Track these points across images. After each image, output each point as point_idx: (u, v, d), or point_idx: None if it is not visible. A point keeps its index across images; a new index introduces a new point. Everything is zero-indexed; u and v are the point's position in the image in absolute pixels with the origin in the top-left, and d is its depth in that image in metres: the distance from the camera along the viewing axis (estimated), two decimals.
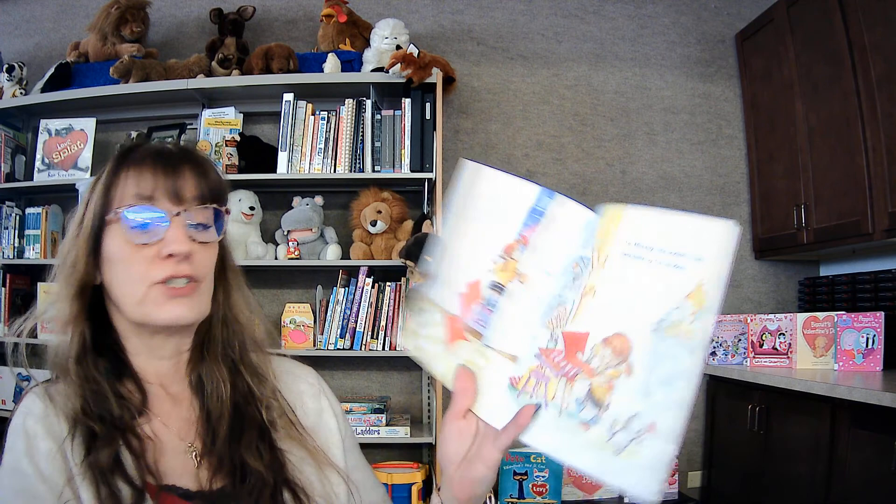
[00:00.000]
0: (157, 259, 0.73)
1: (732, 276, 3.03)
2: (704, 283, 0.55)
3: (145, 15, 2.93)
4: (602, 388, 0.59)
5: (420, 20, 3.12)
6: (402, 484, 2.58)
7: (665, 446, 0.55)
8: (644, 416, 0.56)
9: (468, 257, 0.71)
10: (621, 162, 3.10)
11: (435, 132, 2.68)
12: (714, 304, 0.55)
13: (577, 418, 0.60)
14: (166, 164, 0.75)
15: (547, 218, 0.66)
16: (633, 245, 0.59)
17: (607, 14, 3.16)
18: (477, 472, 0.68)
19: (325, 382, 0.94)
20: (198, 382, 0.80)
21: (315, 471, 0.79)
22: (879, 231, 2.26)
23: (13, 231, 2.86)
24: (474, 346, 0.68)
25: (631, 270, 0.59)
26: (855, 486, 1.97)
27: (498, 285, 0.67)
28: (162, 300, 0.73)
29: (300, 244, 2.73)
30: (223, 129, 2.79)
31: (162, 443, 0.74)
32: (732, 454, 2.75)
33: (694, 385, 0.55)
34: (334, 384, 2.94)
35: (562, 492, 2.62)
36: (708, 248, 0.55)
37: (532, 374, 0.63)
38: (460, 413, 0.69)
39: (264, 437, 0.77)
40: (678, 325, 0.56)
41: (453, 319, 0.71)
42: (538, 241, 0.66)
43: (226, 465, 0.74)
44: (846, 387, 2.01)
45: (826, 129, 2.54)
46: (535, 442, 0.63)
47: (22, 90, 2.92)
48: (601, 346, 0.59)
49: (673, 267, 0.57)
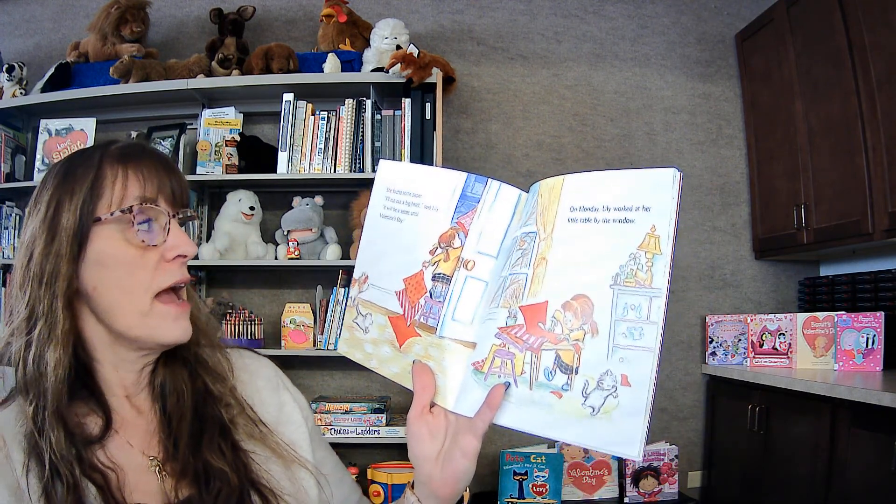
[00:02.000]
0: (162, 263, 0.70)
1: (732, 277, 3.05)
2: (655, 230, 0.56)
3: (145, 15, 2.93)
4: (569, 352, 0.59)
5: (420, 20, 3.12)
6: (401, 484, 2.58)
7: (640, 395, 0.55)
8: (615, 371, 0.57)
9: (402, 254, 0.71)
10: (621, 162, 3.10)
11: (435, 132, 2.68)
12: (667, 249, 0.56)
13: (548, 387, 0.60)
14: (164, 164, 0.73)
15: (480, 202, 0.67)
16: (577, 210, 0.61)
17: (607, 14, 3.17)
18: (458, 465, 0.67)
19: (283, 374, 0.89)
20: (159, 386, 0.76)
21: (282, 469, 0.76)
22: (879, 231, 2.26)
23: (13, 231, 2.86)
24: (428, 340, 0.68)
25: (579, 234, 0.60)
26: (855, 486, 1.97)
27: (443, 276, 0.68)
28: (169, 320, 0.71)
29: (300, 244, 2.73)
30: (223, 129, 2.79)
31: (125, 468, 0.69)
32: (732, 454, 2.75)
33: (659, 330, 0.55)
34: (334, 384, 2.96)
35: (562, 492, 2.62)
36: (653, 196, 0.57)
37: (496, 355, 0.63)
38: (424, 409, 0.68)
39: (226, 436, 0.74)
40: (635, 274, 0.57)
41: (399, 319, 0.70)
42: (476, 225, 0.67)
43: (189, 470, 0.71)
44: (846, 387, 2.02)
45: (826, 129, 2.54)
46: (510, 421, 0.62)
47: (22, 90, 2.92)
48: (562, 312, 0.60)
49: (621, 222, 0.58)
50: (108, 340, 0.71)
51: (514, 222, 0.67)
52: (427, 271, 0.69)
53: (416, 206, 0.71)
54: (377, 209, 0.75)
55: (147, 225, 0.70)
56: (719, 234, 3.08)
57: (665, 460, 2.70)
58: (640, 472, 2.69)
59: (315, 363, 2.93)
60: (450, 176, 0.69)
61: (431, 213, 0.70)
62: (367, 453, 2.81)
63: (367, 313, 0.74)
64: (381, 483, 2.60)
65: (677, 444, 2.77)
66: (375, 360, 0.73)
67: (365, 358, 0.74)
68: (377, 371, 0.73)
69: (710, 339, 2.91)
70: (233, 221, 2.76)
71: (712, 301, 3.06)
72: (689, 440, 2.98)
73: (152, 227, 0.71)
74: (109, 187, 0.69)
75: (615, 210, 0.58)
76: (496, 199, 0.67)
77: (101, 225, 0.69)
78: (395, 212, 0.73)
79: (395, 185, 0.74)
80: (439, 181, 0.70)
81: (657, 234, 0.56)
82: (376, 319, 0.73)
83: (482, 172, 3.24)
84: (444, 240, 0.68)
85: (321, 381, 2.96)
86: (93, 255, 0.69)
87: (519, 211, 0.66)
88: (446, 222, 0.68)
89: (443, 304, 0.67)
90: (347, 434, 2.61)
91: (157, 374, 0.77)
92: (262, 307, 2.98)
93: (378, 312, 0.73)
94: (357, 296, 0.76)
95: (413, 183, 0.72)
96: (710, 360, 2.92)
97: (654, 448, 2.70)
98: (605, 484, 2.70)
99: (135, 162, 0.71)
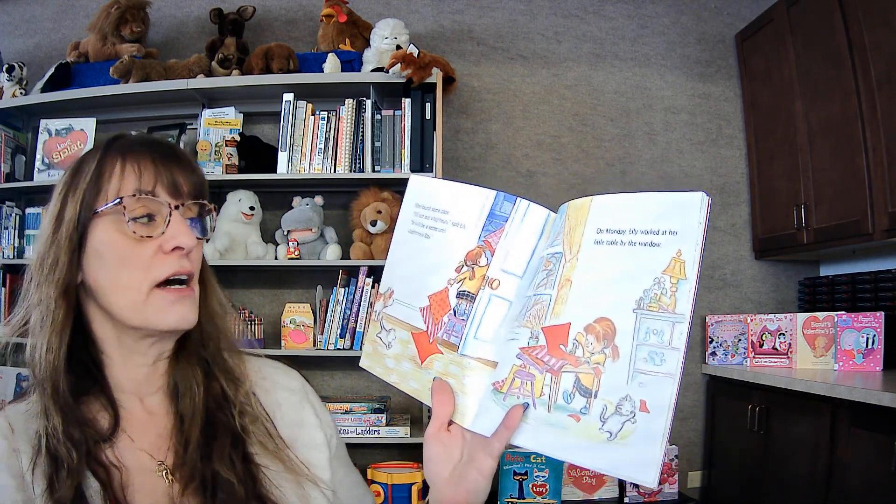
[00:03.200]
0: (159, 254, 0.70)
1: (732, 277, 3.05)
2: (681, 255, 0.56)
3: (145, 15, 2.93)
4: (589, 375, 0.58)
5: (420, 20, 3.12)
6: (401, 484, 2.58)
7: (658, 421, 0.55)
8: (634, 396, 0.56)
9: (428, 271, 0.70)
10: (621, 162, 3.10)
11: (435, 132, 2.68)
12: (692, 275, 0.55)
13: (566, 410, 0.59)
14: (164, 155, 0.72)
15: (508, 221, 0.67)
16: (603, 232, 0.60)
17: (607, 14, 3.17)
18: (471, 483, 0.66)
19: (310, 387, 0.87)
20: (173, 388, 0.76)
21: (294, 486, 0.74)
22: (879, 231, 2.26)
23: (13, 231, 2.86)
24: (449, 357, 0.68)
25: (604, 256, 0.60)
26: (855, 486, 1.97)
27: (467, 294, 0.67)
28: (165, 305, 0.70)
29: (300, 244, 2.73)
30: (223, 129, 2.79)
31: (130, 468, 0.69)
32: (732, 454, 2.75)
33: (681, 356, 0.55)
34: (334, 384, 2.96)
35: (562, 492, 2.62)
36: (680, 220, 0.56)
37: (516, 375, 0.63)
38: (442, 426, 0.67)
39: (237, 445, 0.73)
40: (659, 299, 0.56)
41: (421, 336, 0.70)
42: (503, 245, 0.66)
43: (197, 477, 0.70)
44: (846, 387, 2.02)
45: (826, 129, 2.54)
46: (527, 442, 0.61)
47: (22, 90, 2.92)
48: (584, 335, 0.59)
49: (648, 245, 0.57)
50: (114, 334, 0.72)
51: (541, 242, 0.66)
52: (452, 289, 0.68)
53: (443, 223, 0.71)
54: (406, 224, 0.74)
55: (146, 217, 0.70)
56: (719, 234, 3.08)
57: (665, 460, 2.70)
58: None
59: (315, 363, 2.93)
60: (479, 193, 0.68)
61: (459, 231, 0.69)
62: (367, 453, 2.81)
63: (391, 328, 0.73)
64: (381, 483, 2.60)
65: (677, 444, 2.77)
66: (396, 376, 0.72)
67: (385, 373, 0.73)
68: (397, 386, 0.72)
69: (710, 339, 2.91)
70: (233, 221, 2.76)
71: (712, 301, 3.06)
72: (689, 440, 2.98)
73: (154, 219, 0.70)
74: (108, 181, 0.70)
75: (642, 233, 0.58)
76: (524, 218, 0.66)
77: (99, 217, 0.70)
78: (423, 227, 0.72)
79: (423, 201, 0.73)
80: (468, 198, 0.70)
81: (683, 258, 0.56)
82: (399, 335, 0.72)
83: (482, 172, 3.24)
84: (470, 258, 0.68)
85: (321, 381, 2.96)
86: (92, 247, 0.70)
87: (547, 231, 0.66)
88: (473, 240, 0.68)
89: (466, 322, 0.67)
90: (347, 434, 2.61)
91: (170, 374, 0.76)
92: (262, 307, 2.98)
93: (402, 328, 0.72)
94: (382, 310, 0.75)
95: (442, 199, 0.72)
96: (710, 360, 2.92)
97: None
98: (605, 484, 2.70)
99: (134, 154, 0.71)
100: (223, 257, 2.71)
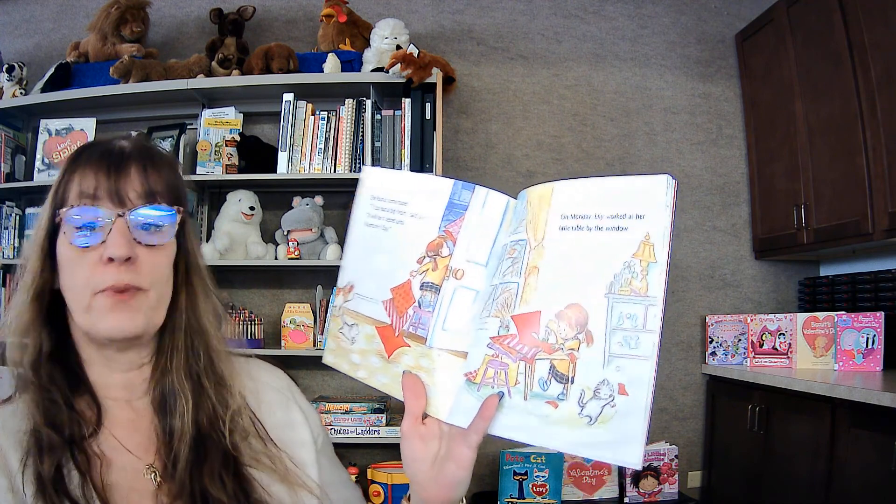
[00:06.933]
0: (100, 264, 0.68)
1: (732, 277, 3.05)
2: (649, 238, 0.56)
3: (145, 15, 2.93)
4: (564, 361, 0.58)
5: (420, 20, 3.12)
6: (401, 484, 2.58)
7: (638, 403, 0.55)
8: (612, 380, 0.56)
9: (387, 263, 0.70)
10: (621, 162, 3.10)
11: (435, 132, 2.67)
12: (662, 257, 0.55)
13: (544, 397, 0.59)
14: (110, 162, 0.71)
15: (469, 210, 0.66)
16: (568, 217, 0.60)
17: (607, 14, 3.17)
18: (450, 475, 0.65)
19: (295, 386, 0.86)
20: (160, 399, 0.74)
21: (286, 492, 0.74)
22: (879, 231, 2.26)
23: (13, 231, 2.86)
24: (418, 350, 0.67)
25: (571, 242, 0.60)
26: (855, 486, 1.97)
27: (431, 285, 0.67)
28: (103, 311, 0.68)
29: (300, 244, 2.73)
30: (223, 129, 2.79)
31: (114, 462, 0.69)
32: (732, 454, 2.75)
33: (656, 338, 0.55)
34: (334, 384, 2.96)
35: (562, 492, 2.62)
36: (647, 204, 0.56)
37: (489, 365, 0.62)
38: (417, 420, 0.66)
39: (228, 464, 0.72)
40: (630, 283, 0.56)
41: (386, 329, 0.69)
42: (464, 234, 0.66)
43: (186, 492, 0.69)
44: (846, 387, 2.02)
45: (826, 129, 2.54)
46: (506, 432, 0.61)
47: (22, 90, 2.92)
48: (555, 322, 0.59)
49: (615, 230, 0.57)
50: (84, 338, 0.73)
51: (503, 230, 0.65)
52: (415, 280, 0.67)
53: (402, 215, 0.70)
54: (361, 217, 0.73)
55: (87, 227, 0.69)
56: (719, 234, 3.08)
57: (665, 460, 2.70)
58: (640, 473, 2.69)
59: (315, 363, 2.93)
60: (436, 183, 0.68)
61: (418, 222, 0.68)
62: (367, 453, 2.81)
63: (354, 323, 0.72)
64: (381, 483, 2.60)
65: (677, 444, 2.77)
66: (363, 371, 0.71)
67: (352, 368, 0.72)
68: (365, 382, 0.71)
69: (710, 339, 2.91)
70: (233, 221, 2.76)
71: (712, 301, 3.05)
72: (689, 440, 2.98)
73: (94, 229, 0.69)
74: (66, 190, 0.71)
75: (608, 218, 0.58)
76: (484, 206, 0.66)
77: (60, 227, 0.71)
78: (381, 220, 0.71)
79: (379, 193, 0.72)
80: (425, 188, 0.69)
81: (651, 241, 0.56)
82: (363, 329, 0.71)
83: (482, 172, 3.24)
84: (431, 248, 0.67)
85: (321, 381, 2.96)
86: (58, 256, 0.71)
87: (508, 218, 0.65)
88: (434, 231, 0.67)
89: (432, 313, 0.66)
90: (347, 434, 2.61)
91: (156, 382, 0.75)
92: (262, 307, 2.98)
93: (365, 322, 0.71)
94: (342, 305, 0.73)
95: (398, 190, 0.71)
96: (710, 360, 2.92)
97: (654, 448, 2.70)
98: (605, 484, 2.70)
99: (82, 163, 0.71)
100: (223, 257, 2.71)
